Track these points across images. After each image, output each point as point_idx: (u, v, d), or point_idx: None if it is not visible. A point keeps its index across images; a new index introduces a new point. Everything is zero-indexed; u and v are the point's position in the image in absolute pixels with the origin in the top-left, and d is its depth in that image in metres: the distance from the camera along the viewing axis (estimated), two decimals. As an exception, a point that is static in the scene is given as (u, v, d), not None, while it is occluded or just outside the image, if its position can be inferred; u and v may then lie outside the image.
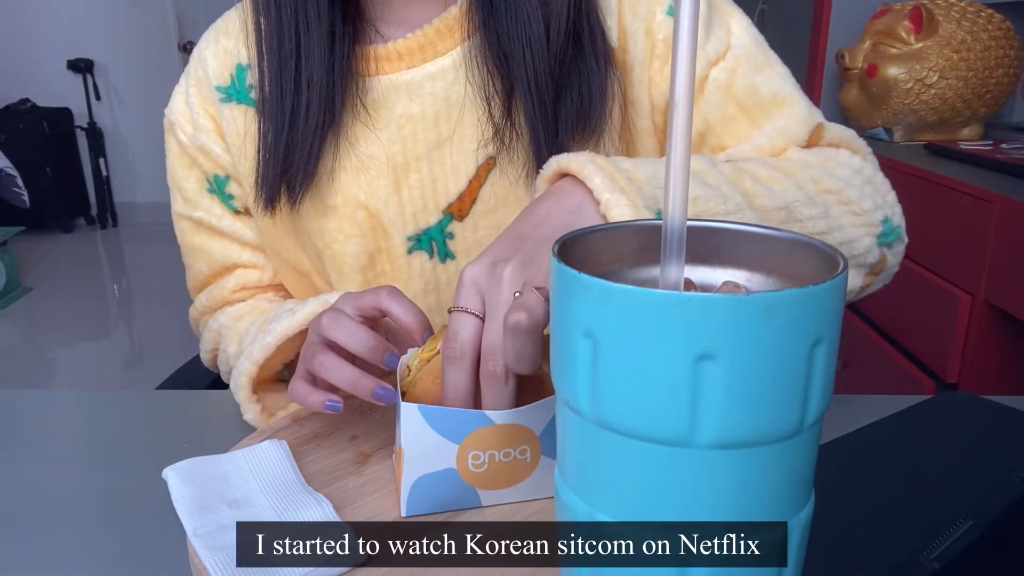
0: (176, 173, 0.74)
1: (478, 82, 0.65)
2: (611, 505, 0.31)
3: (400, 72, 0.67)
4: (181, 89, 0.73)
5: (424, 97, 0.66)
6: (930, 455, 0.46)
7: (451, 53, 0.66)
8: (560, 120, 0.65)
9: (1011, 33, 1.59)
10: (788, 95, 0.70)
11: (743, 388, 0.27)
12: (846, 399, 0.61)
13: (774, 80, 0.70)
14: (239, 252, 0.75)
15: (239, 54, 0.70)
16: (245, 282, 0.75)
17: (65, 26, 4.37)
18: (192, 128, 0.72)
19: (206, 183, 0.73)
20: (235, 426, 0.61)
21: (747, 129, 0.69)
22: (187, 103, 0.72)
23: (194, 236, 0.75)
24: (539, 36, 0.63)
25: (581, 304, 0.29)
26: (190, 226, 0.75)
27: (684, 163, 0.30)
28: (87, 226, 4.63)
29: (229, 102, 0.70)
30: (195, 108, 0.71)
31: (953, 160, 1.48)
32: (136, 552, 0.46)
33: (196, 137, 0.71)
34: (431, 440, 0.46)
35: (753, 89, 0.69)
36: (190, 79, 0.72)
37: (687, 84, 0.29)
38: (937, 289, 1.34)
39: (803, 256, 0.33)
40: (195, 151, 0.72)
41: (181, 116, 0.72)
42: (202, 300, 0.77)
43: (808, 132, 0.69)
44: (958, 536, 0.34)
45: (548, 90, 0.63)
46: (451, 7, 0.66)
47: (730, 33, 0.70)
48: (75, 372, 2.73)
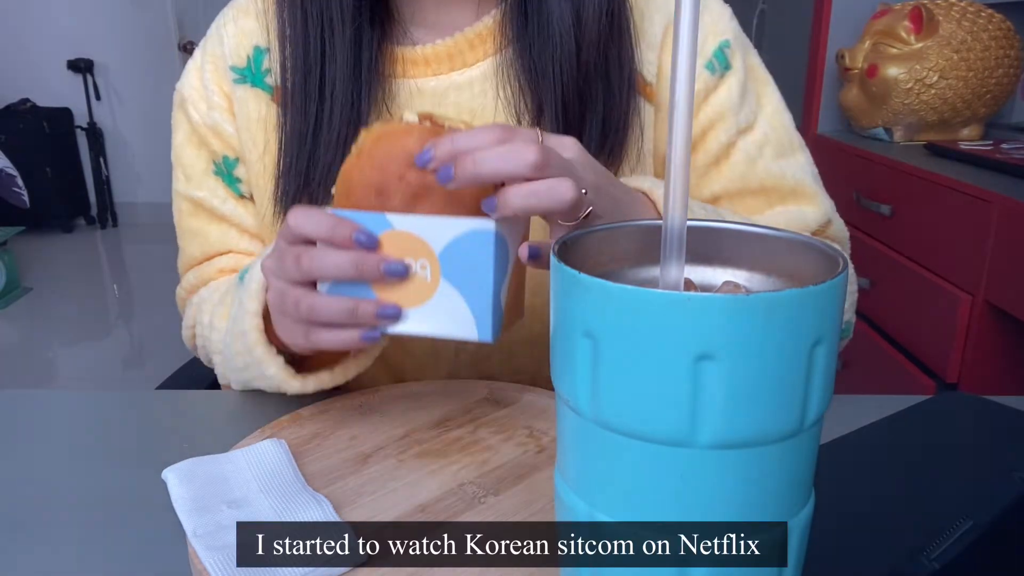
0: (183, 151, 0.72)
1: (508, 97, 0.65)
2: (611, 505, 0.31)
3: (426, 78, 0.66)
4: (196, 64, 0.71)
5: (448, 107, 0.66)
6: (930, 455, 0.46)
7: (480, 64, 0.66)
8: (583, 143, 0.65)
9: (1011, 33, 1.59)
10: (808, 187, 0.71)
11: (743, 388, 0.27)
12: (846, 399, 0.61)
13: (798, 170, 0.71)
14: (237, 239, 0.73)
15: (258, 36, 0.68)
16: (237, 265, 0.73)
17: (65, 26, 4.37)
18: (206, 106, 0.69)
19: (213, 164, 0.71)
20: (235, 426, 0.61)
21: (761, 206, 0.70)
22: (202, 80, 0.70)
23: (192, 218, 0.73)
24: (570, 56, 0.62)
25: (581, 304, 0.29)
26: (189, 207, 0.73)
27: (684, 163, 0.30)
28: (87, 226, 4.62)
29: (243, 83, 0.67)
30: (209, 85, 0.69)
31: (953, 160, 1.48)
32: (136, 552, 0.46)
33: (209, 115, 0.69)
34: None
35: (778, 174, 0.70)
36: (206, 55, 0.70)
37: (687, 84, 0.29)
38: (937, 289, 1.34)
39: (803, 256, 0.33)
40: (206, 130, 0.70)
41: (195, 92, 0.70)
42: (190, 279, 0.75)
43: (818, 224, 0.70)
44: (958, 536, 0.34)
45: (575, 111, 0.63)
46: (484, 17, 0.66)
47: (760, 106, 0.71)
48: (75, 372, 2.73)
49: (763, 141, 0.70)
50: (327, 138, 0.63)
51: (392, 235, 0.47)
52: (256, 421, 0.61)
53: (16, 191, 4.29)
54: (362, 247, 0.47)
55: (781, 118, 0.72)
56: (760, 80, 0.72)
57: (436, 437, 0.57)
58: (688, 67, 0.29)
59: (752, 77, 0.71)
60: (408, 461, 0.54)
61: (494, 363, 0.72)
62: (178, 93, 0.72)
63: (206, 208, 0.72)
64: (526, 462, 0.53)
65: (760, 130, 0.70)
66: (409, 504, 0.49)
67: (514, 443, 0.56)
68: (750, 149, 0.69)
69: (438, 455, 0.54)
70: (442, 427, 0.58)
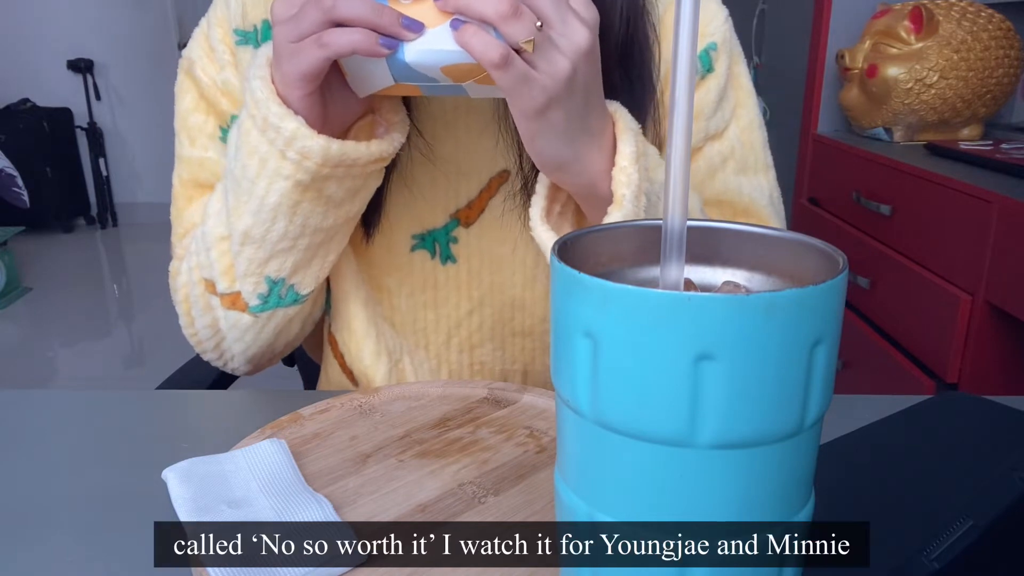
0: (189, 116, 0.69)
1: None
2: (611, 505, 0.31)
3: None
4: (202, 30, 0.69)
5: (444, 100, 0.65)
6: (930, 455, 0.46)
7: None
8: None
9: (1011, 33, 1.59)
10: (762, 210, 0.71)
11: (743, 388, 0.27)
12: (846, 399, 0.61)
13: (755, 190, 0.71)
14: None
15: (266, 9, 0.65)
16: None
17: (65, 26, 4.37)
18: (215, 67, 0.67)
19: (220, 130, 0.68)
20: (235, 426, 0.61)
21: (714, 216, 0.70)
22: (209, 41, 0.67)
23: (194, 185, 0.70)
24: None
25: (581, 304, 0.29)
26: (191, 171, 0.69)
27: (684, 163, 0.30)
28: (87, 226, 4.62)
29: (244, 45, 0.66)
30: (217, 45, 0.67)
31: (953, 160, 1.48)
32: (136, 552, 0.46)
33: (220, 75, 0.67)
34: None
35: (735, 190, 0.70)
36: (212, 19, 0.68)
37: (687, 84, 0.29)
38: (937, 289, 1.34)
39: (803, 256, 0.33)
40: (215, 92, 0.67)
41: (203, 54, 0.67)
42: (185, 243, 0.69)
43: None
44: (958, 536, 0.34)
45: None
46: None
47: (736, 117, 0.69)
48: (75, 372, 2.73)
49: (728, 153, 0.69)
50: None
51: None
52: (256, 421, 0.61)
53: (16, 191, 4.29)
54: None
55: (753, 134, 0.71)
56: (741, 90, 0.71)
57: (436, 437, 0.57)
58: (688, 67, 0.29)
59: (734, 85, 0.70)
60: (408, 461, 0.54)
61: (486, 351, 0.72)
62: (185, 58, 0.69)
63: (211, 170, 0.69)
64: (526, 462, 0.53)
65: (728, 141, 0.70)
66: (409, 504, 0.49)
67: (514, 443, 0.56)
68: (713, 158, 0.69)
69: (438, 455, 0.54)
70: (442, 427, 0.58)
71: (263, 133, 0.55)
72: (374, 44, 0.48)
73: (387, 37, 0.49)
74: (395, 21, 0.48)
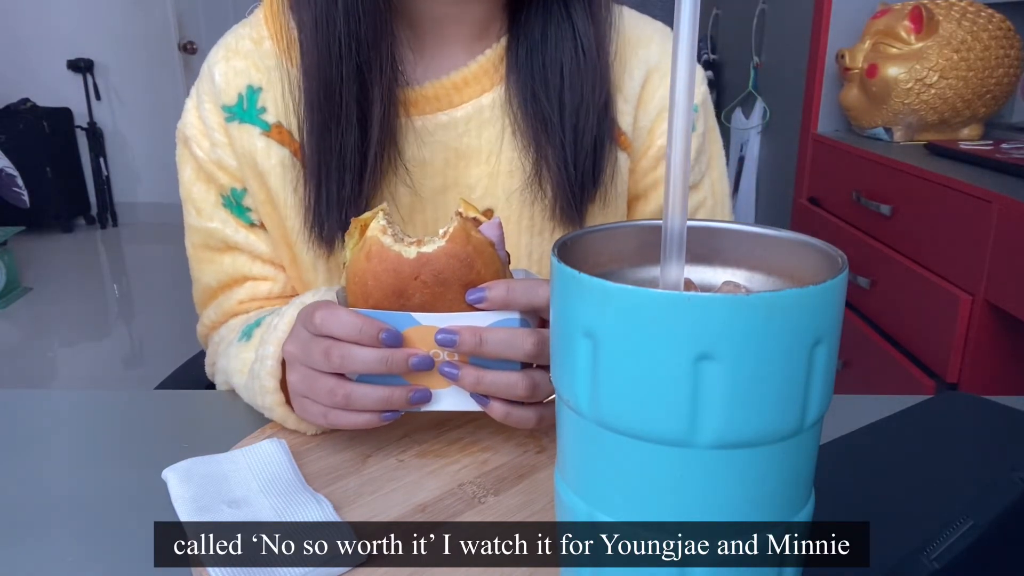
0: (192, 187, 0.73)
1: (515, 124, 0.68)
2: (611, 505, 0.31)
3: (430, 115, 0.68)
4: (193, 103, 0.72)
5: (434, 145, 0.68)
6: (930, 455, 0.46)
7: (465, 106, 0.68)
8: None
9: (1011, 33, 1.59)
10: None
11: (743, 388, 0.27)
12: (846, 399, 0.61)
13: None
14: (250, 265, 0.73)
15: (250, 76, 0.68)
16: (255, 294, 0.74)
17: (65, 26, 4.37)
18: (208, 143, 0.70)
19: (222, 198, 0.72)
20: (235, 426, 0.61)
21: None
22: (201, 118, 0.71)
23: (205, 248, 0.74)
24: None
25: (581, 304, 0.29)
26: (202, 238, 0.74)
27: (684, 163, 0.30)
28: (87, 226, 4.62)
29: (233, 121, 0.69)
30: (209, 123, 0.70)
31: (953, 160, 1.48)
32: (136, 552, 0.46)
33: (213, 152, 0.70)
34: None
35: None
36: (201, 93, 0.71)
37: (687, 84, 0.29)
38: (937, 289, 1.34)
39: (803, 256, 0.33)
40: (212, 166, 0.71)
41: (196, 131, 0.71)
42: (210, 315, 0.76)
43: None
44: (958, 536, 0.34)
45: (570, 159, 0.66)
46: (478, 56, 0.68)
47: (710, 168, 0.77)
48: (75, 372, 2.73)
49: (700, 202, 0.76)
50: (337, 196, 0.64)
51: (417, 330, 0.50)
52: (256, 421, 0.61)
53: (16, 191, 4.29)
54: (389, 346, 0.50)
55: (722, 185, 0.78)
56: (714, 143, 0.77)
57: (436, 437, 0.57)
58: (688, 68, 0.29)
59: (710, 139, 0.77)
60: (408, 461, 0.54)
61: None
62: (180, 132, 0.73)
63: (219, 237, 0.73)
64: (526, 462, 0.53)
65: (702, 192, 0.76)
66: (409, 504, 0.49)
67: (514, 443, 0.56)
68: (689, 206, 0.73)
69: (438, 455, 0.54)
70: (442, 427, 0.58)
71: (252, 397, 0.60)
72: (378, 422, 0.52)
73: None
74: (404, 401, 0.51)
